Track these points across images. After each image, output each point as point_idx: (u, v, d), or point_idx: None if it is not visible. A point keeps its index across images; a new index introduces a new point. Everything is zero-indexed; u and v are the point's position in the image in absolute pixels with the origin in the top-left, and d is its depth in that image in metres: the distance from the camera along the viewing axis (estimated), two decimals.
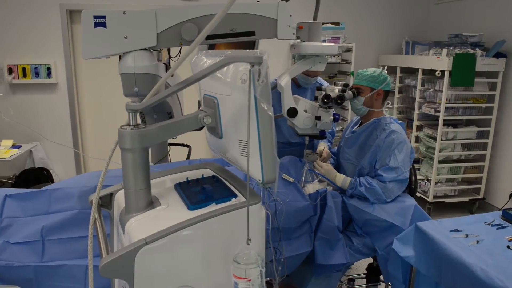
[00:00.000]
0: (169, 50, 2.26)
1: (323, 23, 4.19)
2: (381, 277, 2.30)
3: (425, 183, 3.97)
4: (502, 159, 3.83)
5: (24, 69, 3.92)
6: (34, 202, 1.63)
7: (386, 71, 2.07)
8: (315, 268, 1.89)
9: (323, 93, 1.81)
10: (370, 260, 2.34)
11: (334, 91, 1.83)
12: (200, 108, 1.26)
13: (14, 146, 3.41)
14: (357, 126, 2.15)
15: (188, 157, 2.86)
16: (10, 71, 3.90)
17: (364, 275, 2.43)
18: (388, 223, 1.87)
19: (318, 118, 1.86)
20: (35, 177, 3.86)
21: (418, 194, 4.03)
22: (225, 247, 1.06)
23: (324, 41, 4.15)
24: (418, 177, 4.09)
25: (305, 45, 1.66)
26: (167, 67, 1.93)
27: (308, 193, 1.91)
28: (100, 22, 1.39)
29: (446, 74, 3.54)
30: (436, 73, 3.63)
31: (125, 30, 1.39)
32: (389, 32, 4.72)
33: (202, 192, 1.18)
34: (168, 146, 2.37)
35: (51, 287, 1.48)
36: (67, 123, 4.21)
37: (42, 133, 4.15)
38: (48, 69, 3.98)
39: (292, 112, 1.83)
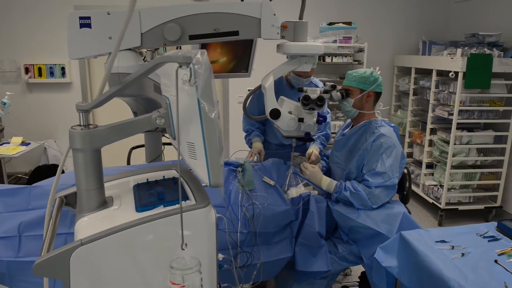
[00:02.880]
0: (164, 50, 2.27)
1: (334, 23, 4.12)
2: None
3: (438, 189, 3.79)
4: None
5: (39, 69, 4.07)
6: (15, 198, 1.66)
7: (378, 72, 1.99)
8: (297, 274, 1.84)
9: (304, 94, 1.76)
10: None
11: (316, 92, 1.77)
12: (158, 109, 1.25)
13: (23, 143, 3.53)
14: (348, 128, 2.08)
15: None
16: (27, 70, 4.05)
17: (358, 283, 2.35)
18: (374, 231, 1.78)
19: (301, 120, 1.80)
20: (48, 173, 3.99)
21: (430, 201, 3.87)
22: (169, 251, 1.04)
23: (335, 41, 4.05)
24: (431, 182, 3.93)
25: (288, 45, 1.62)
26: None
27: (291, 197, 1.85)
28: (85, 23, 1.42)
29: (460, 76, 3.37)
30: (450, 74, 3.46)
31: (110, 30, 1.40)
32: (405, 32, 4.55)
33: (155, 194, 1.16)
34: (163, 146, 2.37)
35: (22, 282, 1.51)
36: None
37: (57, 130, 4.30)
38: (63, 68, 4.11)
39: (275, 114, 1.79)
